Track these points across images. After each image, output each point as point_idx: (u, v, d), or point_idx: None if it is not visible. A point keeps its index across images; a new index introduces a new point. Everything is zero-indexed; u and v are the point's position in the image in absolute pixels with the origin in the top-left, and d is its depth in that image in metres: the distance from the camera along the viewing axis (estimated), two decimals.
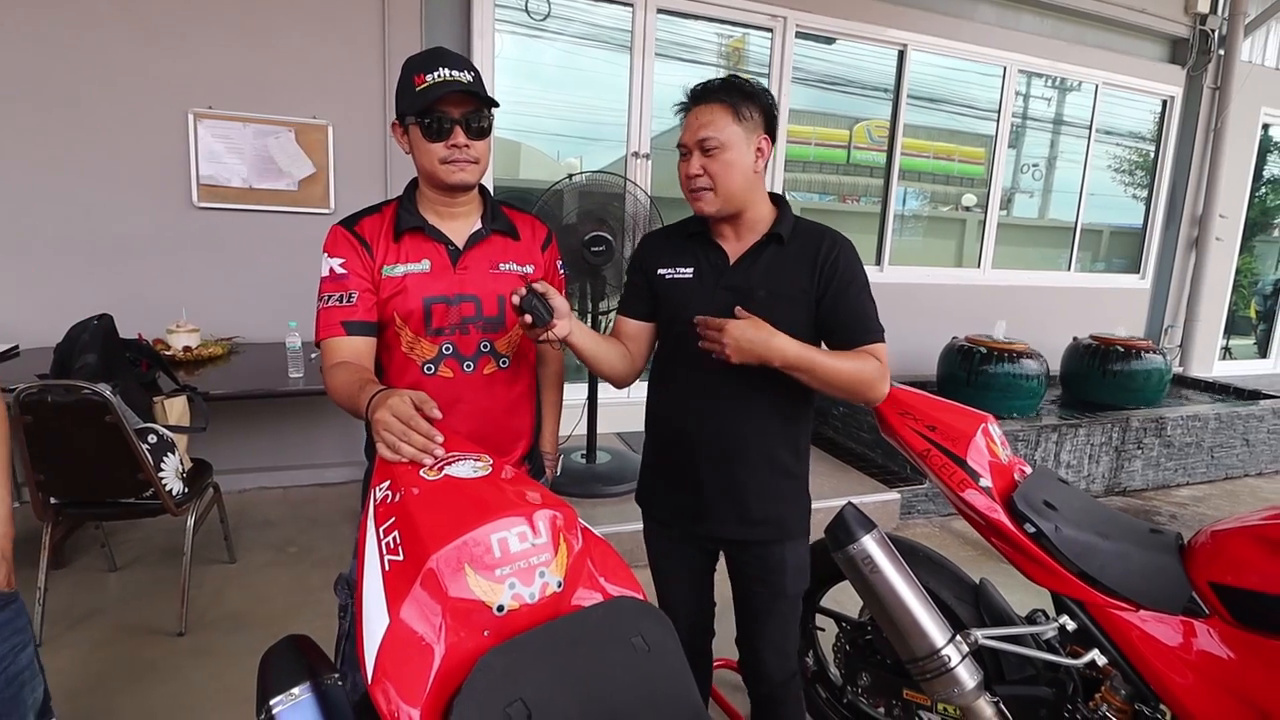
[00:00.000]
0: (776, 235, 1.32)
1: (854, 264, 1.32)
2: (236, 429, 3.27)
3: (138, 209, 3.08)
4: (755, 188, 1.32)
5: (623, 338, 1.44)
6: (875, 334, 1.30)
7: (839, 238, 1.34)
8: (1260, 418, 4.25)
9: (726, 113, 1.27)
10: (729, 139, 1.27)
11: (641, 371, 1.46)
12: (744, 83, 1.30)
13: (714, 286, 1.34)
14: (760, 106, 1.29)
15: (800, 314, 1.30)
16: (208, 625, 2.31)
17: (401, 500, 0.85)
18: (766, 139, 1.30)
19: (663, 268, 1.40)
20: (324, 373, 1.24)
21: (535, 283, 1.18)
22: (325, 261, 1.27)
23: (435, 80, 1.19)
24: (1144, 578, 1.27)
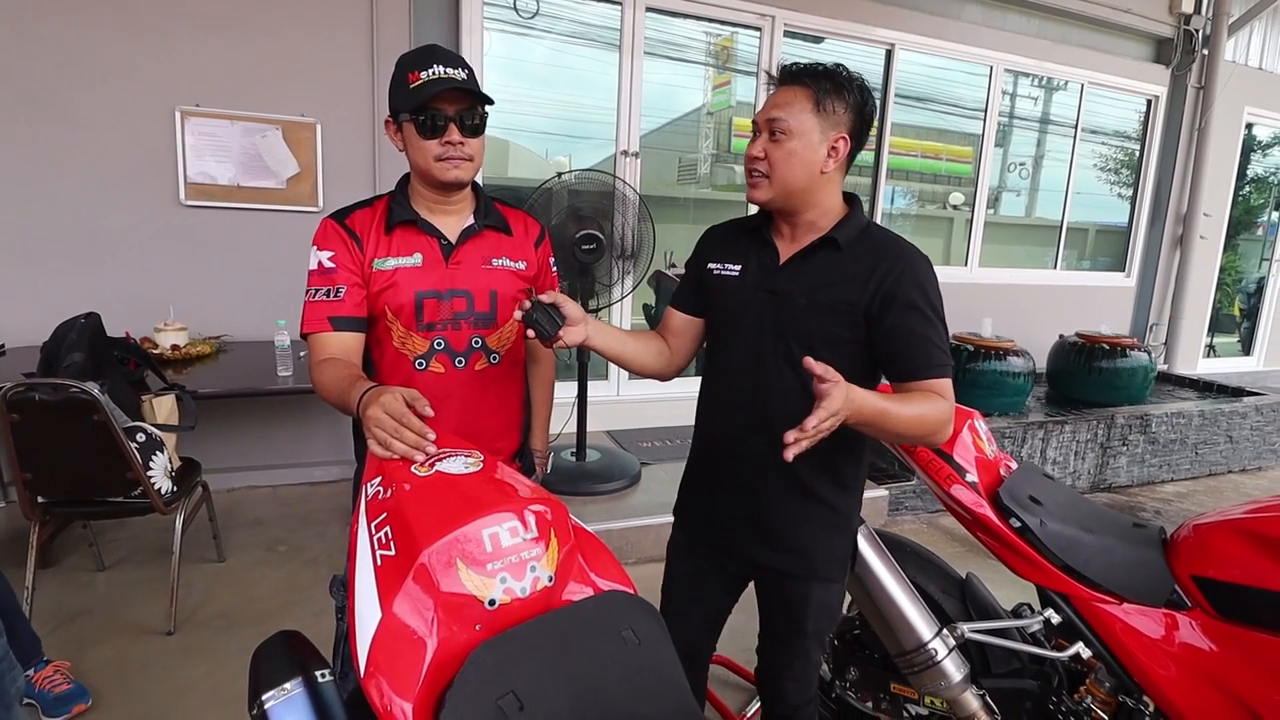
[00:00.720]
0: (831, 239, 1.20)
1: (922, 285, 1.15)
2: (225, 427, 3.26)
3: (125, 207, 3.05)
4: (819, 187, 1.19)
5: (666, 331, 1.39)
6: (939, 368, 1.14)
7: (911, 255, 1.18)
8: (1244, 414, 4.30)
9: (807, 99, 1.16)
10: (799, 127, 1.16)
11: (684, 367, 1.41)
12: (843, 75, 1.17)
13: (756, 288, 1.24)
14: (851, 104, 1.17)
15: (839, 329, 1.17)
16: (197, 624, 2.30)
17: (393, 496, 0.85)
18: (845, 139, 1.17)
19: (713, 262, 1.31)
20: (311, 368, 1.23)
21: (544, 294, 1.17)
22: (314, 254, 1.26)
23: (430, 77, 1.19)
24: (1127, 571, 1.29)
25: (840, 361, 1.16)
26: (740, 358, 1.25)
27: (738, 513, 1.29)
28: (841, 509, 1.27)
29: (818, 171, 1.18)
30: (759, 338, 1.23)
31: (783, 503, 1.25)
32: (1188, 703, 1.22)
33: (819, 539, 1.26)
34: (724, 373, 1.30)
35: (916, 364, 1.14)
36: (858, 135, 1.19)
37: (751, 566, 1.32)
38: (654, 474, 3.34)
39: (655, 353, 1.37)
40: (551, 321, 1.17)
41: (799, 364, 1.16)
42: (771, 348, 1.22)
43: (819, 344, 1.18)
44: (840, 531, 1.28)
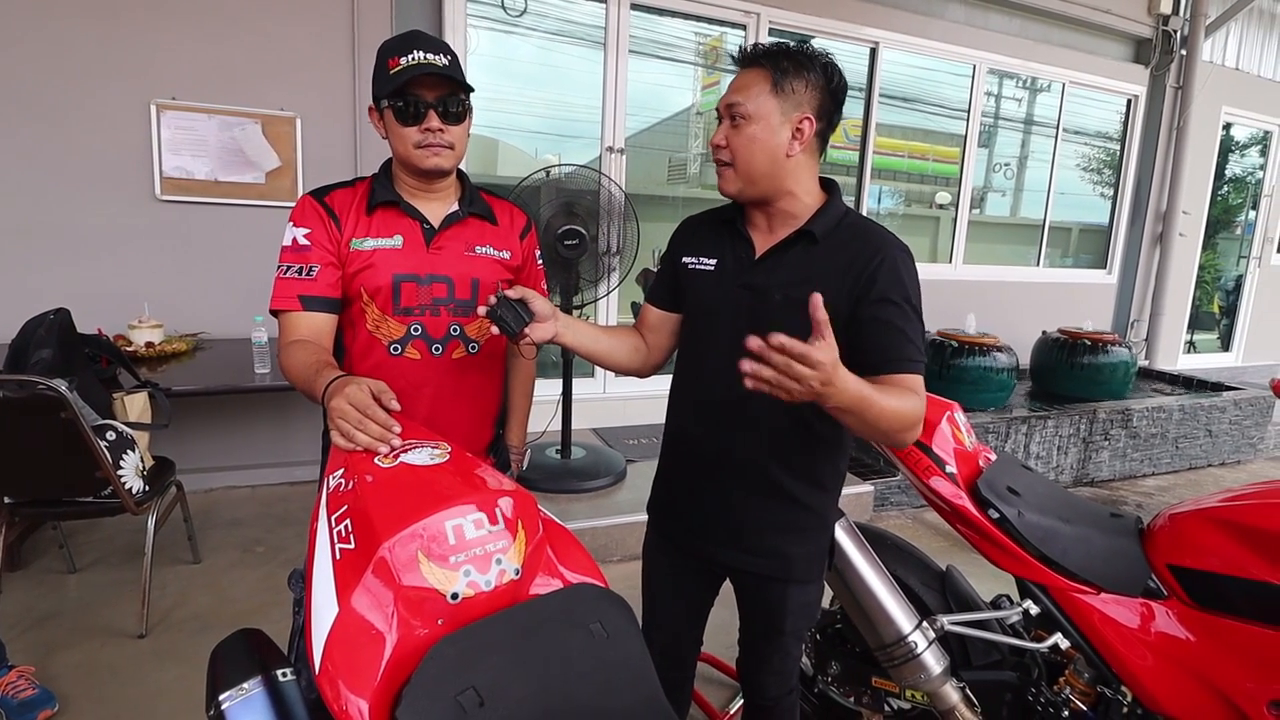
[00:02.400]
0: (808, 233, 1.15)
1: (900, 277, 1.11)
2: (203, 426, 3.21)
3: (98, 202, 2.99)
4: (788, 174, 1.14)
5: (643, 327, 1.36)
6: (912, 363, 1.09)
7: (890, 247, 1.13)
8: (1222, 409, 4.35)
9: (764, 80, 1.11)
10: (758, 110, 1.11)
11: (662, 364, 1.38)
12: (799, 53, 1.12)
13: (732, 283, 1.19)
14: (813, 82, 1.11)
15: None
16: (170, 627, 2.25)
17: (355, 488, 0.83)
18: (809, 120, 1.11)
19: (688, 256, 1.27)
20: (280, 350, 1.19)
21: (511, 288, 1.14)
22: (290, 230, 1.23)
23: (409, 63, 1.17)
24: (1105, 561, 1.28)
25: None
26: (715, 355, 1.21)
27: (712, 515, 1.26)
28: (818, 510, 1.24)
29: (782, 155, 1.13)
30: (734, 335, 1.17)
31: (758, 505, 1.22)
32: (1165, 692, 1.22)
33: (795, 541, 1.22)
34: (698, 371, 1.26)
35: (888, 356, 1.09)
36: (825, 114, 1.14)
37: (727, 568, 1.30)
38: (640, 471, 3.32)
39: (631, 349, 1.33)
40: (518, 318, 1.14)
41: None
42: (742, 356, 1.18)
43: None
44: (817, 533, 1.25)
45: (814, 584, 1.28)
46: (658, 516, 1.39)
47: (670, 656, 1.43)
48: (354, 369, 1.26)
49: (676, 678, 1.46)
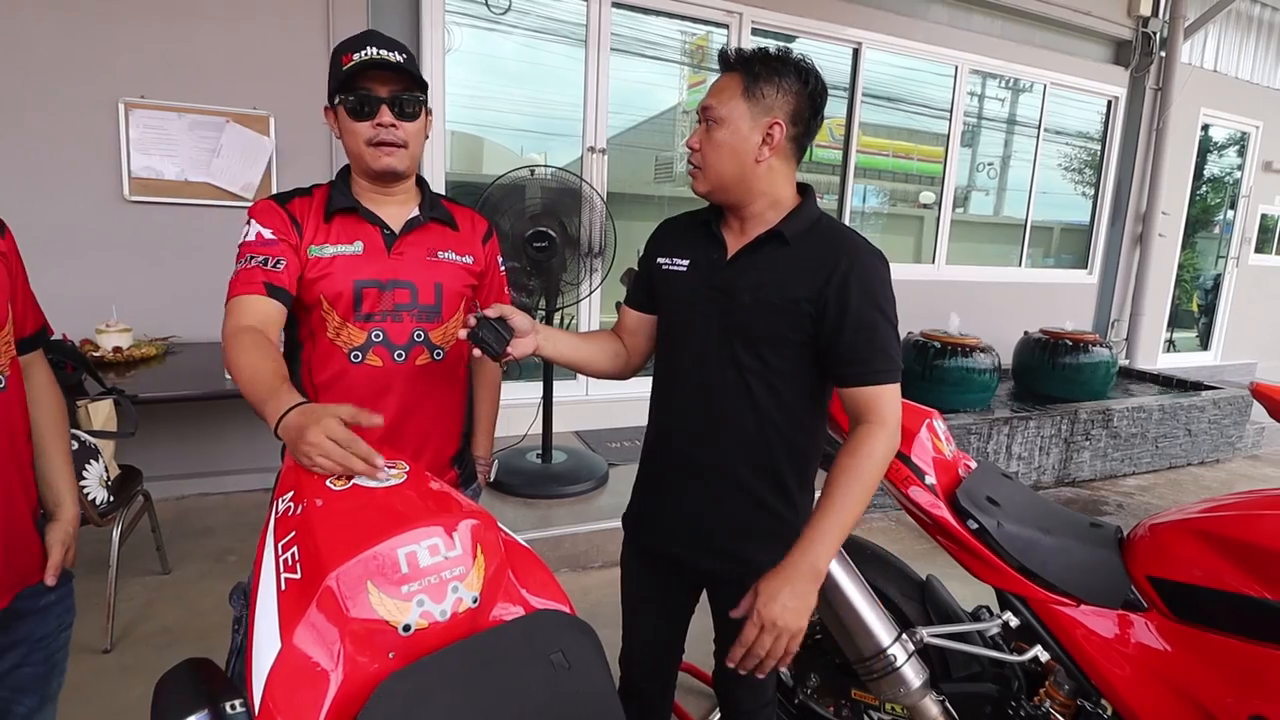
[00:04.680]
0: (778, 234, 1.14)
1: (872, 283, 1.10)
2: (174, 432, 3.13)
3: (64, 202, 2.92)
4: (759, 178, 1.14)
5: (621, 330, 1.35)
6: (882, 374, 1.09)
7: (862, 251, 1.12)
8: (1201, 408, 4.38)
9: (737, 85, 1.11)
10: (729, 115, 1.11)
11: (641, 366, 1.37)
12: (775, 58, 1.12)
13: (703, 284, 1.19)
14: (787, 88, 1.11)
15: (785, 329, 1.13)
16: (137, 641, 2.20)
17: (303, 513, 0.79)
18: (781, 125, 1.11)
19: (663, 257, 1.26)
20: (225, 337, 1.12)
21: (490, 308, 1.12)
22: (252, 226, 1.19)
23: (362, 59, 1.14)
24: (1084, 572, 1.27)
25: (784, 364, 1.15)
26: (687, 359, 1.21)
27: (683, 520, 1.25)
28: (789, 518, 1.22)
29: (751, 161, 1.12)
30: (705, 338, 1.18)
31: (728, 510, 1.21)
32: (1145, 705, 1.21)
33: (767, 547, 1.20)
34: (671, 374, 1.26)
35: (861, 369, 1.09)
36: (800, 119, 1.13)
37: (700, 575, 1.28)
38: (622, 475, 3.29)
39: (611, 355, 1.33)
40: (499, 337, 1.12)
41: (744, 367, 1.15)
42: (716, 349, 1.17)
43: (764, 345, 1.14)
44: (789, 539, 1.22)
45: None
46: (632, 523, 1.37)
47: (649, 667, 1.41)
48: (313, 378, 1.22)
49: (655, 689, 1.43)
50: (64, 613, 1.15)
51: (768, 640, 1.02)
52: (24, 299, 1.13)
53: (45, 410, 1.16)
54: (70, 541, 1.15)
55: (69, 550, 1.14)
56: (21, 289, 1.12)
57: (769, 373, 1.15)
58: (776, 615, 1.01)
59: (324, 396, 1.22)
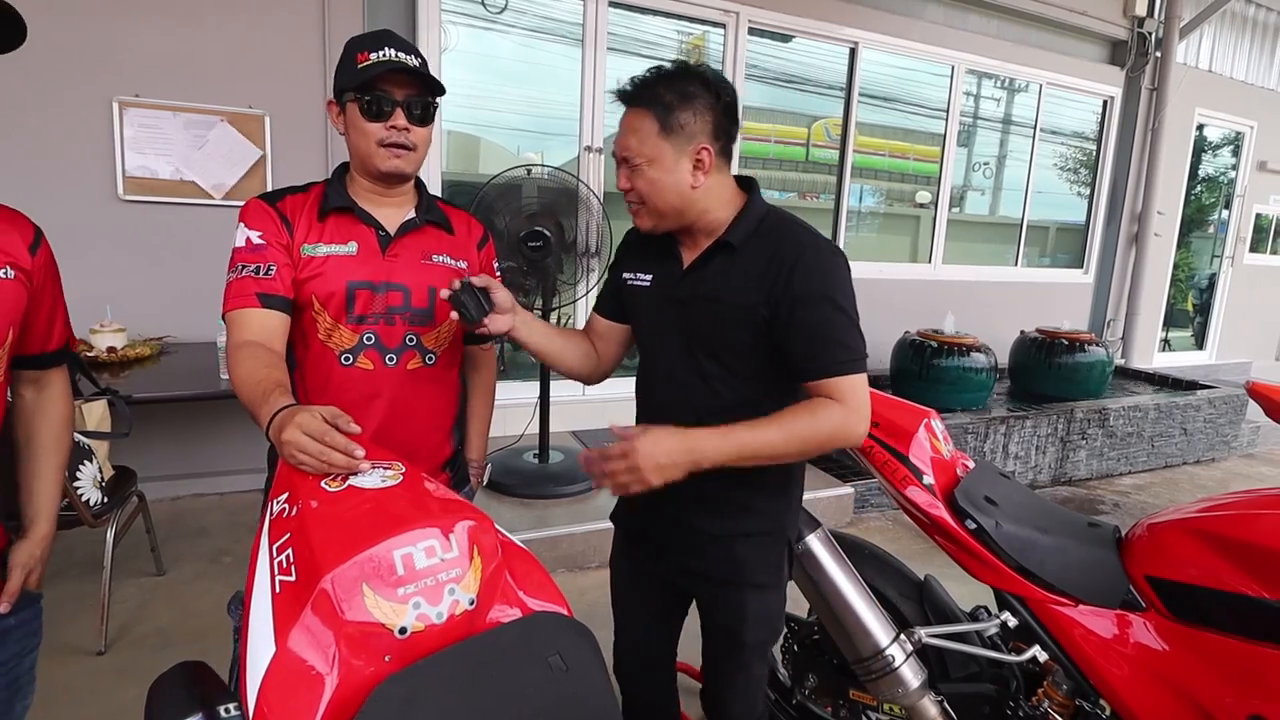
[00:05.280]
0: (725, 243, 1.14)
1: (818, 275, 1.08)
2: (169, 433, 3.12)
3: (58, 201, 2.90)
4: (699, 199, 1.14)
5: (592, 334, 1.35)
6: (841, 364, 1.07)
7: (807, 244, 1.10)
8: (1197, 407, 4.39)
9: (650, 121, 1.09)
10: (653, 154, 1.10)
11: (610, 372, 1.38)
12: (679, 78, 1.09)
13: (665, 298, 1.20)
14: (700, 109, 1.09)
15: (740, 334, 1.12)
16: (131, 643, 2.18)
17: (298, 515, 0.78)
18: (708, 149, 1.10)
19: (628, 271, 1.28)
20: (228, 352, 1.12)
21: (477, 276, 1.14)
22: (241, 231, 1.18)
23: (380, 59, 1.14)
24: (1082, 572, 1.27)
25: (748, 368, 1.15)
26: (658, 369, 1.24)
27: (667, 523, 1.25)
28: (771, 515, 1.23)
29: (688, 189, 1.12)
30: (670, 348, 1.20)
31: (710, 512, 1.21)
32: (1143, 705, 1.21)
33: (749, 546, 1.22)
34: (648, 384, 1.28)
35: (813, 362, 1.08)
36: (723, 133, 1.12)
37: (686, 575, 1.28)
38: None
39: (582, 354, 1.33)
40: (479, 306, 1.14)
41: (709, 374, 1.17)
42: (682, 359, 1.18)
43: (723, 351, 1.15)
44: (773, 539, 1.24)
45: (772, 591, 1.25)
46: (619, 526, 1.39)
47: (641, 669, 1.40)
48: (305, 381, 1.21)
49: (652, 697, 1.42)
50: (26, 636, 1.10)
51: (620, 465, 1.02)
52: (50, 316, 1.10)
53: (49, 423, 1.14)
54: (35, 564, 1.10)
55: (32, 573, 1.09)
56: (49, 306, 1.10)
57: (734, 377, 1.16)
58: (643, 454, 1.01)
59: (315, 399, 1.21)
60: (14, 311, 1.00)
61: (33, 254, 1.05)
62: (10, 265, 1.01)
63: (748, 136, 4.35)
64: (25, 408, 1.14)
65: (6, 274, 1.00)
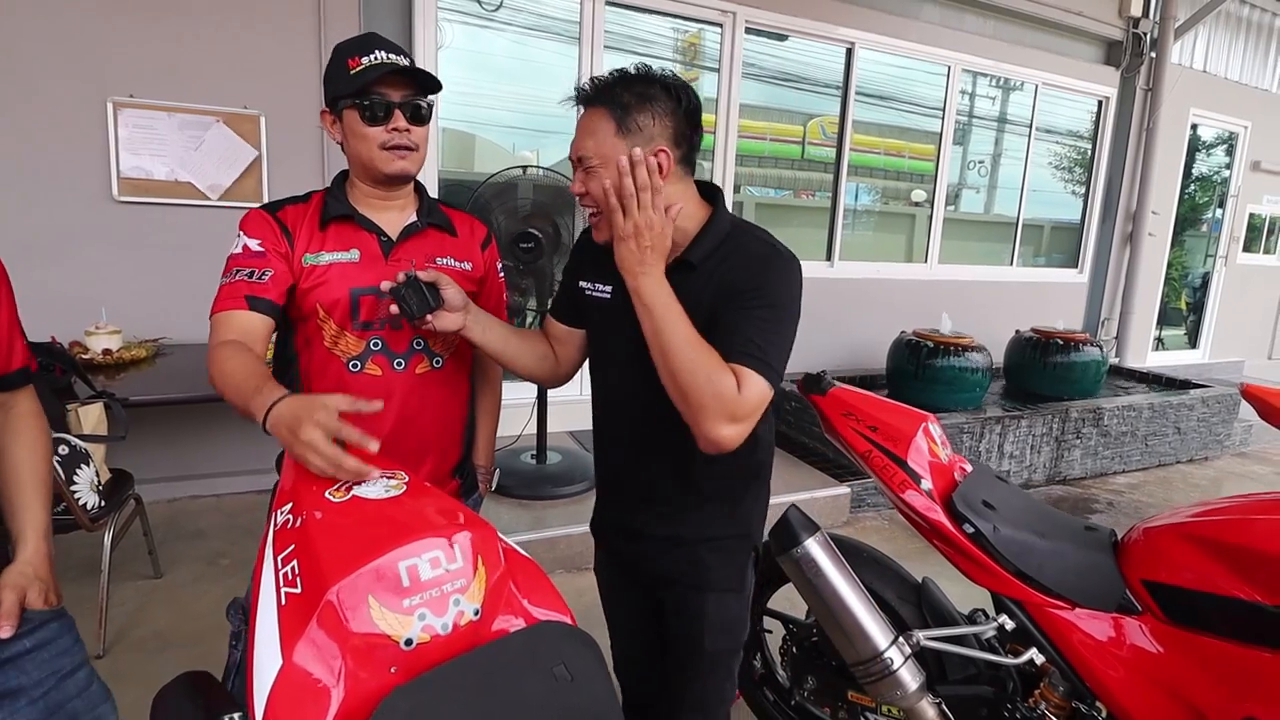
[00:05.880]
0: (685, 262, 1.09)
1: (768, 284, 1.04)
2: (166, 435, 3.11)
3: (52, 203, 2.89)
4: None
5: (550, 338, 1.31)
6: (751, 357, 1.00)
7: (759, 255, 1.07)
8: (1190, 406, 4.42)
9: (607, 122, 1.05)
10: (609, 154, 1.04)
11: (570, 376, 1.35)
12: (639, 81, 1.06)
13: (625, 314, 1.09)
14: (660, 111, 1.04)
15: None
16: (129, 646, 2.18)
17: (303, 525, 0.78)
18: (666, 152, 1.04)
19: (584, 280, 1.22)
20: (209, 350, 1.10)
21: (424, 269, 1.11)
22: (240, 238, 1.17)
23: (372, 62, 1.13)
24: (1079, 576, 1.28)
25: None
26: (613, 386, 1.21)
27: (638, 530, 1.23)
28: (736, 521, 1.21)
29: None
30: (631, 366, 1.12)
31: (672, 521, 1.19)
32: (1139, 707, 1.22)
33: (712, 549, 1.20)
34: (602, 396, 1.25)
35: (726, 345, 1.01)
36: (683, 139, 1.08)
37: (653, 580, 1.26)
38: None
39: (539, 356, 1.29)
40: (423, 302, 1.10)
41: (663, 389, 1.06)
42: (643, 378, 1.09)
43: None
44: (738, 543, 1.22)
45: (734, 596, 1.22)
46: (597, 531, 1.37)
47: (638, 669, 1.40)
48: (311, 388, 1.21)
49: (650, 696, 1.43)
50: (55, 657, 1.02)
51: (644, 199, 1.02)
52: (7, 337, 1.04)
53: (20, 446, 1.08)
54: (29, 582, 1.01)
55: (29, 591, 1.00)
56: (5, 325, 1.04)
57: None
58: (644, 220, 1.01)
59: None
60: None
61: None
62: None
63: (744, 134, 4.35)
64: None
65: None
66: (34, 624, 1.00)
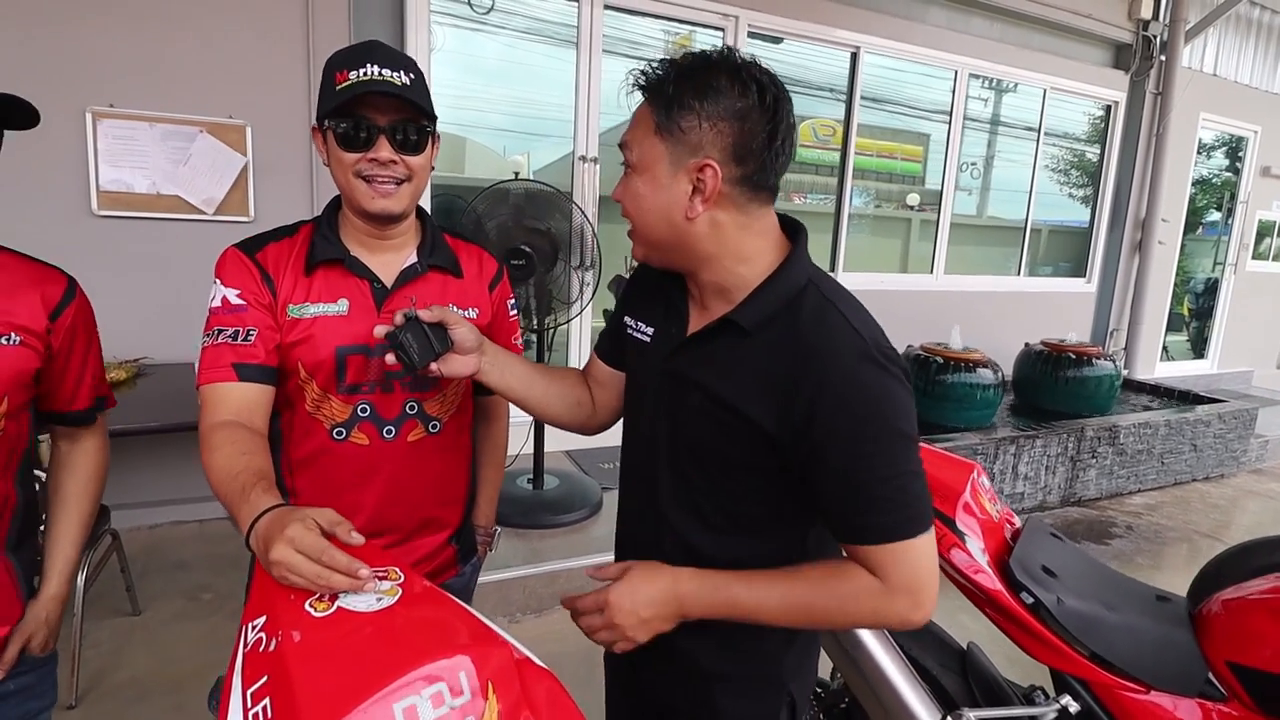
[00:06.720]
0: (732, 324, 0.83)
1: (861, 403, 0.76)
2: (145, 459, 2.96)
3: (27, 218, 2.74)
4: (700, 238, 0.83)
5: (590, 378, 1.12)
6: (881, 531, 0.78)
7: (846, 356, 0.78)
8: (1207, 423, 4.31)
9: (648, 119, 0.82)
10: (642, 159, 0.83)
11: (608, 425, 1.14)
12: (697, 69, 0.79)
13: (658, 366, 0.92)
14: (713, 112, 0.78)
15: (735, 448, 0.84)
16: (104, 695, 2.04)
17: (278, 650, 0.64)
18: (714, 167, 0.78)
19: (630, 315, 1.01)
20: (201, 436, 0.96)
21: (428, 309, 0.94)
22: (217, 289, 1.01)
23: (359, 78, 0.95)
24: (1155, 655, 1.15)
25: (747, 492, 0.87)
26: (639, 446, 0.97)
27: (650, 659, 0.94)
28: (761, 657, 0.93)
29: (681, 218, 0.82)
30: (654, 434, 0.93)
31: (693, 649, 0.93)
32: None
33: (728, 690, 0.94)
34: (629, 457, 1.02)
35: (849, 524, 0.80)
36: (750, 154, 0.79)
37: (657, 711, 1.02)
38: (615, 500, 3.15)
39: (572, 403, 1.10)
40: (426, 347, 0.93)
41: (694, 486, 0.89)
42: (665, 448, 0.91)
43: (711, 462, 0.87)
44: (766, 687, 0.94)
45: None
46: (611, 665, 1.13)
47: None
48: (290, 456, 1.07)
49: None
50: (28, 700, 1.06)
51: (598, 622, 0.86)
52: (77, 377, 1.08)
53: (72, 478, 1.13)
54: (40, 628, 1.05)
55: (34, 638, 1.04)
56: (75, 368, 1.07)
57: (721, 494, 0.88)
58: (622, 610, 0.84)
59: (301, 477, 1.07)
60: (16, 376, 0.97)
61: (53, 319, 1.01)
62: (17, 330, 0.97)
63: None
64: (57, 460, 1.14)
65: (10, 340, 0.96)
66: (24, 669, 1.04)
